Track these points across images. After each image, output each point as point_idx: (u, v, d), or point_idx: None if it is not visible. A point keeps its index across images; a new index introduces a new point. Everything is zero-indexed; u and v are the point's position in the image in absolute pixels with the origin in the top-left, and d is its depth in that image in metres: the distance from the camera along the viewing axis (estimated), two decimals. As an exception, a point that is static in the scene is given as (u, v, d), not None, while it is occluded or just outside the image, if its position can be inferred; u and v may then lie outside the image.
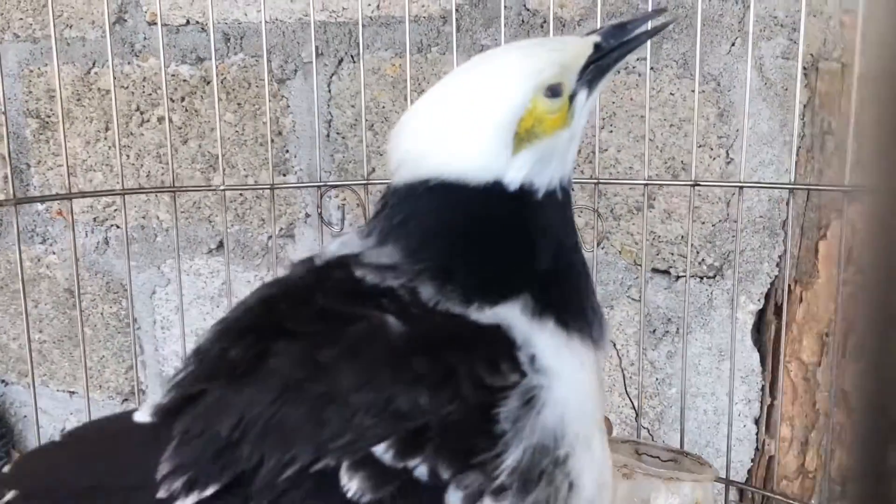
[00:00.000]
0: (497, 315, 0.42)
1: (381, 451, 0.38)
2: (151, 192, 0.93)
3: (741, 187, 0.73)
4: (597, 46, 0.45)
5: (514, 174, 0.43)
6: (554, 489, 0.40)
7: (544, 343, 0.42)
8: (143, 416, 0.44)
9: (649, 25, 0.48)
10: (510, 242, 0.43)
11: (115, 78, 1.16)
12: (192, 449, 0.40)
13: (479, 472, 0.38)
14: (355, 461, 0.37)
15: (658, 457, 0.70)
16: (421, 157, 0.43)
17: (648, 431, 0.75)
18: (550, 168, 0.44)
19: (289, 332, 0.41)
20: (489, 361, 0.40)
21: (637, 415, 0.73)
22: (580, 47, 0.45)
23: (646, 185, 0.75)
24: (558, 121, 0.44)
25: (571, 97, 0.45)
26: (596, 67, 0.45)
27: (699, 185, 0.73)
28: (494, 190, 0.42)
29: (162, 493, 0.39)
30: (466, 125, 0.43)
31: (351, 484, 0.37)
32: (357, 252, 0.45)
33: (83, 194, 0.82)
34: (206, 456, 0.39)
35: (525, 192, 0.43)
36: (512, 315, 0.42)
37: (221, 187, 0.81)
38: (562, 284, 0.44)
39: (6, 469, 0.45)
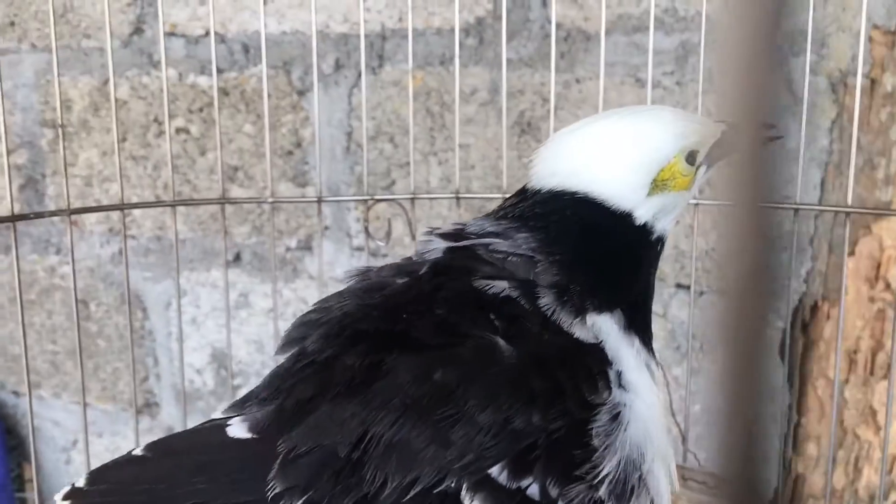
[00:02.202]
0: (596, 325, 0.47)
1: (497, 472, 0.40)
2: (200, 203, 0.93)
3: (797, 209, 0.72)
4: (723, 133, 0.51)
5: (643, 212, 0.49)
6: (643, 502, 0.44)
7: (629, 359, 0.47)
8: (238, 431, 0.44)
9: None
10: (623, 264, 0.49)
11: (133, 88, 1.16)
12: (304, 468, 0.40)
13: (582, 484, 0.41)
14: (475, 482, 0.40)
15: (705, 482, 0.68)
16: (575, 173, 0.49)
17: (695, 457, 0.74)
18: (666, 219, 0.50)
19: (408, 344, 0.44)
20: (590, 379, 0.44)
21: (684, 439, 0.72)
22: (714, 129, 0.51)
23: (696, 204, 0.75)
24: (684, 183, 0.50)
25: (697, 167, 0.51)
26: (719, 151, 0.51)
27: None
28: (626, 219, 0.49)
29: None
30: (620, 159, 0.49)
31: None
32: (487, 243, 0.48)
33: (134, 205, 0.82)
34: (323, 477, 0.40)
35: (646, 230, 0.49)
36: (609, 326, 0.47)
37: (270, 199, 0.80)
38: (642, 311, 0.50)
39: (80, 482, 0.44)
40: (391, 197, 0.77)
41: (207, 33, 1.11)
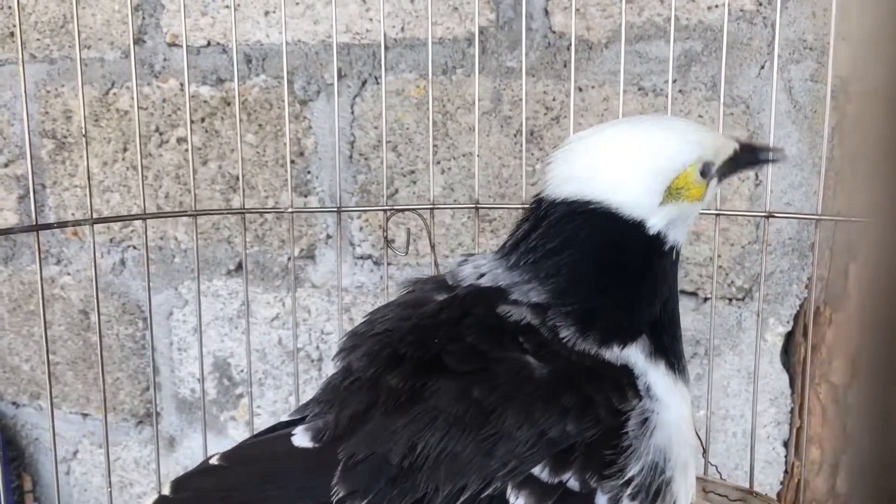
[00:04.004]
0: (623, 355, 0.49)
1: (539, 470, 0.44)
2: (223, 213, 0.93)
3: (819, 220, 0.73)
4: (735, 150, 0.53)
5: (656, 221, 0.49)
6: None
7: (657, 378, 0.49)
8: (302, 440, 0.47)
9: (770, 156, 0.57)
10: (641, 282, 0.50)
11: (134, 98, 1.16)
12: (362, 475, 0.44)
13: (615, 480, 0.44)
14: (519, 482, 0.43)
15: (726, 496, 0.69)
16: (589, 179, 0.49)
17: (717, 469, 0.75)
18: (679, 229, 0.51)
19: (444, 369, 0.46)
20: (618, 389, 0.47)
21: (704, 450, 0.73)
22: (728, 144, 0.53)
23: (717, 215, 0.76)
24: (697, 193, 0.51)
25: (710, 179, 0.52)
26: (730, 166, 0.53)
27: (774, 216, 0.74)
28: (639, 228, 0.49)
29: None
30: (636, 163, 0.49)
31: (519, 501, 0.43)
32: (504, 286, 0.50)
33: (156, 214, 0.82)
34: (380, 482, 0.44)
35: (659, 240, 0.50)
36: (634, 354, 0.49)
37: (290, 210, 0.80)
38: (668, 330, 0.51)
39: (166, 491, 0.47)
40: (411, 207, 0.77)
41: (209, 43, 1.11)
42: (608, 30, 0.94)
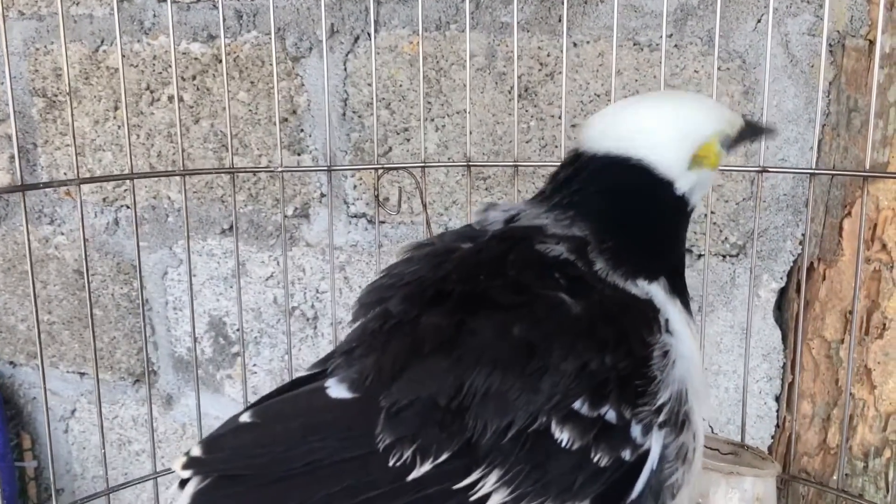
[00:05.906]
0: (645, 289, 0.52)
1: (579, 405, 0.45)
2: (211, 172, 0.93)
3: (813, 174, 0.73)
4: (741, 126, 0.58)
5: (682, 184, 0.54)
6: (690, 435, 0.49)
7: (674, 314, 0.52)
8: (339, 391, 0.47)
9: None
10: (666, 234, 0.55)
11: (124, 56, 1.14)
12: (408, 420, 0.44)
13: (647, 409, 0.46)
14: (562, 417, 0.45)
15: (718, 450, 0.69)
16: (630, 138, 0.53)
17: (709, 424, 0.76)
18: (697, 194, 0.56)
19: (489, 304, 0.47)
20: (646, 323, 0.49)
21: None
22: (737, 119, 0.58)
23: (721, 172, 0.76)
24: (714, 161, 0.56)
25: (724, 150, 0.57)
26: (736, 140, 0.58)
27: (767, 171, 0.75)
28: (670, 187, 0.53)
29: (393, 462, 0.43)
30: (668, 128, 0.54)
31: (563, 436, 0.44)
32: (540, 225, 0.53)
33: (144, 174, 0.81)
34: (428, 426, 0.44)
35: (683, 200, 0.54)
36: (656, 291, 0.53)
37: (279, 169, 0.80)
38: (681, 277, 0.56)
39: (195, 451, 0.46)
40: (402, 165, 0.77)
41: (199, -1, 1.09)
42: (603, -17, 0.92)
